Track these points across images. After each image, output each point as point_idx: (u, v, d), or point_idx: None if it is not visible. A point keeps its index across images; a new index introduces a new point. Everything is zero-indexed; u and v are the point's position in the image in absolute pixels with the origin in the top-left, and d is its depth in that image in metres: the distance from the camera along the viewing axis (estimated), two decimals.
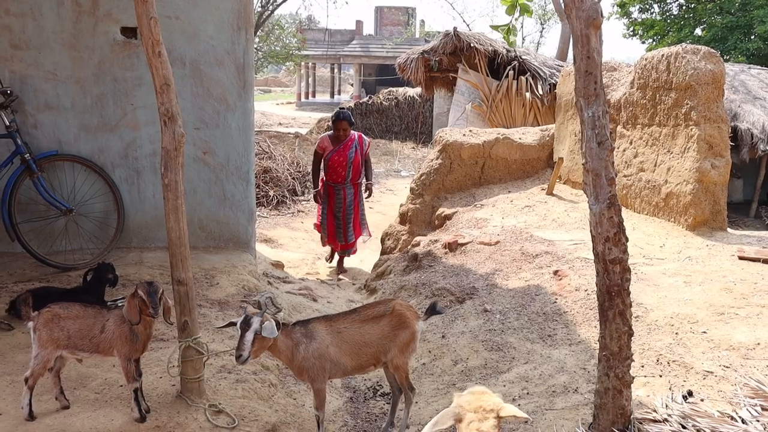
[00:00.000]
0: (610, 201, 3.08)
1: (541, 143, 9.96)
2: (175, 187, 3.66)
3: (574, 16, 3.01)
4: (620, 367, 3.19)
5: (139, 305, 3.50)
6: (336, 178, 8.98)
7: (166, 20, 6.03)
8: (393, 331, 3.88)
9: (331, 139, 8.91)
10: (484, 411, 2.58)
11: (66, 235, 6.39)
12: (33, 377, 3.50)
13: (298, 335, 3.67)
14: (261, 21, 27.93)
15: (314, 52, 44.08)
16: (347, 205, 9.09)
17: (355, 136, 9.00)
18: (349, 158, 8.89)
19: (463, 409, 2.61)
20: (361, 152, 9.00)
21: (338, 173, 8.94)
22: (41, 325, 3.45)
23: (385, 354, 3.89)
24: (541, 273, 6.08)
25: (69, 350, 3.51)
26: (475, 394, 2.67)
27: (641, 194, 7.44)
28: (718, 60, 6.75)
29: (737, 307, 4.72)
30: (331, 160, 8.86)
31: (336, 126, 8.85)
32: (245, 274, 6.26)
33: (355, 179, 9.08)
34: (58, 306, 3.53)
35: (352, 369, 3.88)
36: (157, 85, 3.60)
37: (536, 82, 14.46)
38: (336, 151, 8.84)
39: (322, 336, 3.71)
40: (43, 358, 3.47)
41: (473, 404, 2.60)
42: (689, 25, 21.71)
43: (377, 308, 3.94)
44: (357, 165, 8.99)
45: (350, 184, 9.05)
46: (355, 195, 9.16)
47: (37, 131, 6.41)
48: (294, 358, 3.65)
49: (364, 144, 9.08)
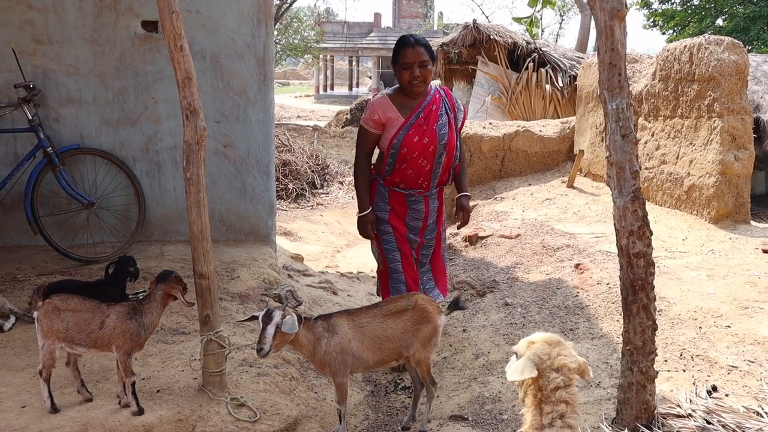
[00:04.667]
0: (634, 194, 3.06)
1: (561, 136, 9.92)
2: (197, 181, 3.66)
3: (598, 8, 2.99)
4: (644, 361, 3.17)
5: (179, 289, 3.65)
6: (412, 181, 4.74)
7: (186, 14, 6.04)
8: (415, 325, 3.86)
9: (393, 100, 4.63)
10: (568, 371, 2.21)
11: (87, 228, 6.43)
12: (45, 369, 3.52)
13: (320, 329, 3.67)
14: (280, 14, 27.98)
15: (332, 45, 44.15)
16: (428, 229, 4.95)
17: (440, 92, 4.78)
18: (440, 136, 4.62)
19: (542, 362, 2.22)
20: (454, 124, 4.76)
21: (418, 169, 4.68)
22: (42, 315, 3.47)
23: (407, 348, 3.87)
24: (562, 266, 6.05)
25: (67, 344, 3.52)
26: (551, 344, 2.27)
27: (663, 187, 7.38)
28: (741, 51, 6.68)
29: (762, 301, 4.67)
30: (406, 142, 4.57)
31: (403, 58, 4.52)
32: (265, 267, 6.27)
33: (445, 181, 4.91)
34: (58, 298, 3.54)
35: (374, 363, 3.88)
36: (179, 79, 3.60)
37: (556, 74, 14.37)
38: (413, 125, 4.57)
39: (344, 330, 3.71)
40: (48, 348, 3.49)
41: (555, 361, 2.22)
42: (710, 15, 21.49)
43: (399, 302, 3.93)
44: (451, 151, 4.74)
45: (435, 193, 4.93)
46: (440, 214, 5.04)
47: (59, 125, 6.45)
48: (316, 352, 3.65)
49: (457, 109, 4.84)
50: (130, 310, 3.60)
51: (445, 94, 4.79)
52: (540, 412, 2.20)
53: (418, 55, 4.48)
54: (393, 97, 4.68)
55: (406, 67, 4.50)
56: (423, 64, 4.50)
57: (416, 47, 4.50)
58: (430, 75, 4.59)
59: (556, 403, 2.16)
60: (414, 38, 4.57)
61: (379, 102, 4.67)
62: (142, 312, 3.60)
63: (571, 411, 2.18)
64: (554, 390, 2.17)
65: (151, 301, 3.64)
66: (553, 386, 2.17)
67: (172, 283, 3.66)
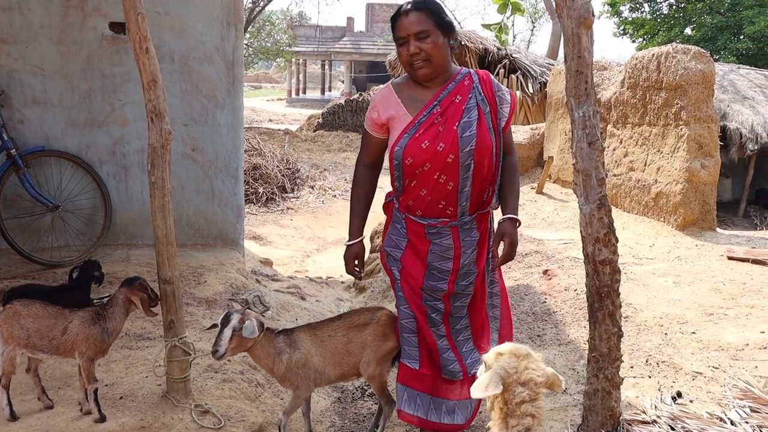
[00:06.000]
0: (600, 201, 3.07)
1: (531, 142, 9.98)
2: (162, 185, 3.61)
3: (566, 15, 2.99)
4: (610, 368, 3.17)
5: (141, 296, 3.55)
6: (429, 206, 3.34)
7: (155, 15, 5.98)
8: (375, 341, 3.64)
9: (401, 91, 3.36)
10: (535, 385, 2.14)
11: (52, 232, 6.33)
12: (4, 376, 3.44)
13: (281, 344, 3.54)
14: (252, 17, 27.88)
15: (305, 49, 44.08)
16: (462, 273, 3.45)
17: (472, 77, 3.34)
18: (463, 140, 3.20)
19: (509, 376, 2.14)
20: (492, 121, 3.30)
21: (434, 188, 3.28)
22: (3, 321, 3.40)
23: (365, 364, 3.65)
24: (530, 272, 6.07)
25: (28, 350, 3.45)
26: (519, 357, 2.19)
27: (631, 194, 7.44)
28: (708, 60, 6.76)
29: (726, 308, 4.73)
30: (411, 150, 3.23)
31: (397, 33, 3.23)
32: (233, 272, 6.22)
33: (485, 203, 3.48)
34: (19, 303, 3.47)
35: (336, 378, 3.70)
36: (145, 82, 3.56)
37: (527, 80, 14.49)
38: (423, 124, 3.24)
39: (306, 345, 3.59)
40: (8, 354, 3.41)
41: (522, 374, 2.14)
42: (679, 24, 21.76)
43: (363, 315, 3.76)
44: (486, 160, 3.26)
45: (470, 222, 3.43)
46: (482, 249, 3.52)
47: (23, 126, 6.34)
48: (275, 366, 3.52)
49: (500, 100, 3.34)
50: (94, 315, 3.53)
51: (480, 80, 3.31)
52: (506, 425, 2.16)
53: (412, 24, 3.15)
54: (401, 86, 3.36)
55: (401, 43, 3.20)
56: (421, 36, 3.14)
57: (411, 14, 3.17)
58: (440, 50, 3.18)
59: (521, 416, 2.12)
60: (412, 2, 3.20)
61: (380, 94, 3.40)
62: (106, 317, 3.54)
63: (537, 424, 2.14)
64: (520, 404, 2.13)
65: (113, 306, 3.57)
66: (518, 400, 2.13)
67: (135, 289, 3.59)
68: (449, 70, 3.31)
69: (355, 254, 3.59)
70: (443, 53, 3.20)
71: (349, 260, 3.60)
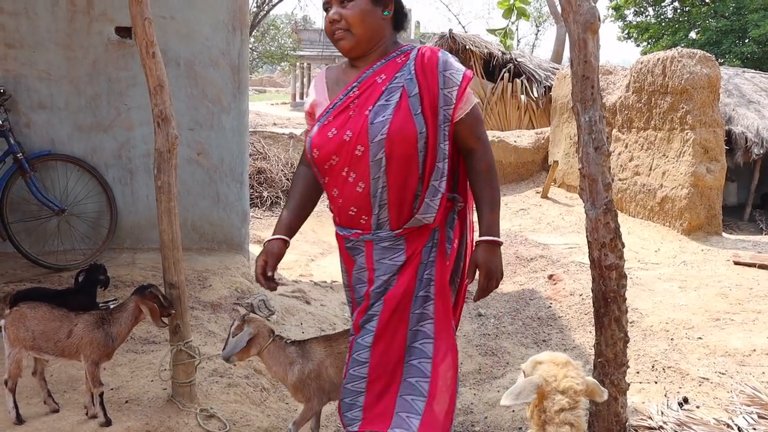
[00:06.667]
0: (606, 206, 3.06)
1: (536, 146, 9.98)
2: (168, 189, 3.62)
3: (572, 20, 2.99)
4: (616, 374, 3.16)
5: (151, 306, 3.51)
6: (342, 212, 2.72)
7: (161, 20, 5.99)
8: None
9: (335, 74, 2.80)
10: (574, 393, 2.12)
11: (58, 236, 6.34)
12: (11, 379, 3.45)
13: (293, 354, 3.40)
14: (256, 21, 27.89)
15: (309, 53, 44.05)
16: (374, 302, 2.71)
17: (410, 51, 2.65)
18: (373, 127, 2.51)
19: (548, 385, 2.14)
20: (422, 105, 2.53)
21: (343, 189, 2.65)
22: (9, 323, 3.41)
23: None
24: (535, 277, 6.07)
25: (34, 351, 3.47)
26: (559, 365, 2.18)
27: (636, 198, 7.43)
28: (713, 64, 6.76)
29: (733, 313, 4.71)
30: (317, 140, 2.64)
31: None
32: (238, 276, 6.22)
33: (408, 216, 2.64)
34: (26, 306, 3.48)
35: None
36: (151, 87, 3.57)
37: (531, 84, 14.48)
38: (336, 110, 2.63)
39: (320, 356, 3.43)
40: (14, 357, 3.43)
41: (562, 383, 2.12)
42: (684, 28, 21.76)
43: None
44: (407, 155, 2.53)
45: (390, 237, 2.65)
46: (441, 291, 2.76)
47: (30, 130, 6.36)
48: (288, 376, 3.41)
49: (444, 79, 2.57)
50: (98, 319, 3.53)
51: (419, 56, 2.62)
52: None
53: None
54: (335, 69, 2.85)
55: (326, 8, 2.66)
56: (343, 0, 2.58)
57: None
58: (365, 18, 2.57)
59: (559, 425, 2.11)
60: None
61: (314, 80, 2.89)
62: (111, 322, 3.54)
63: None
64: (559, 412, 2.11)
65: (122, 312, 3.57)
66: (557, 408, 2.12)
67: (145, 298, 3.57)
68: (384, 47, 2.68)
69: (267, 252, 2.88)
70: (370, 23, 2.58)
71: (259, 258, 2.88)
